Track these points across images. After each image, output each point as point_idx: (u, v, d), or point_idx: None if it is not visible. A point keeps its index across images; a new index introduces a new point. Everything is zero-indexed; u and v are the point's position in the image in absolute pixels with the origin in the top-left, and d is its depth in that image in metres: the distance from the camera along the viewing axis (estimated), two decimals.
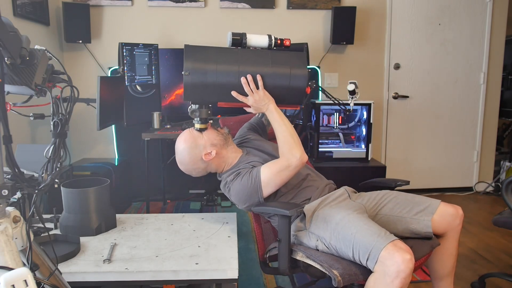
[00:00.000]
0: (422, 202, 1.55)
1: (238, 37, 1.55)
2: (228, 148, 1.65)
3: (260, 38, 1.59)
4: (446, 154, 3.78)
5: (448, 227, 1.53)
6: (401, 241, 1.27)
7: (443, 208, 1.53)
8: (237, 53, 1.54)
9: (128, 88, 2.88)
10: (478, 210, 3.37)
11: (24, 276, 0.76)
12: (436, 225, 1.51)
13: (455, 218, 1.53)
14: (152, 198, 3.26)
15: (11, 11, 2.56)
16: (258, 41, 1.58)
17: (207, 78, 1.51)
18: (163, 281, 1.35)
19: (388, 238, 1.26)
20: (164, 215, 1.91)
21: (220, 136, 1.63)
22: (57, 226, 1.69)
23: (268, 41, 1.59)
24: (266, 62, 1.54)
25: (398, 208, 1.56)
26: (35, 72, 0.91)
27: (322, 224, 1.44)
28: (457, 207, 1.55)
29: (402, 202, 1.58)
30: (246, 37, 1.56)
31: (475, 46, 3.65)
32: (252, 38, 1.58)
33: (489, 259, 2.41)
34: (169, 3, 3.30)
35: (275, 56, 1.56)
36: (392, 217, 1.55)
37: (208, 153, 1.58)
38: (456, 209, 1.54)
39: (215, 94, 1.54)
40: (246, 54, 1.55)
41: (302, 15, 3.45)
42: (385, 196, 1.63)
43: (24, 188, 0.88)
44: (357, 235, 1.31)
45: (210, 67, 1.51)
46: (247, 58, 1.54)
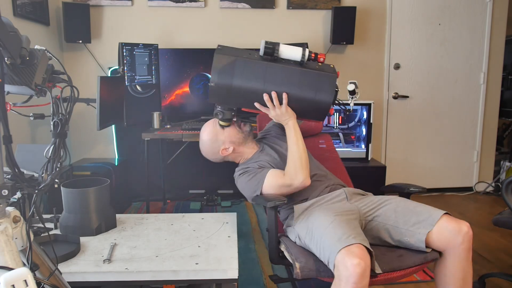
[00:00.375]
0: (423, 213, 1.42)
1: (271, 47, 1.47)
2: (246, 145, 1.75)
3: (293, 51, 1.49)
4: (446, 154, 3.78)
5: (448, 244, 1.37)
6: (358, 245, 1.21)
7: (444, 223, 1.37)
8: (265, 69, 1.48)
9: (128, 88, 2.88)
10: (478, 210, 3.37)
11: (24, 276, 0.76)
12: (435, 240, 1.38)
13: (456, 235, 1.35)
14: (152, 198, 3.26)
15: (11, 11, 2.56)
16: (290, 54, 1.49)
17: (231, 90, 1.51)
18: (163, 281, 1.35)
19: (345, 242, 1.23)
20: (164, 215, 1.91)
21: (240, 134, 1.72)
22: (57, 226, 1.69)
23: (301, 54, 1.48)
24: (293, 82, 1.50)
25: (395, 217, 1.45)
26: (35, 72, 0.91)
27: (303, 223, 1.49)
28: (462, 223, 1.37)
29: (402, 211, 1.46)
30: (278, 48, 1.48)
31: (475, 46, 3.65)
32: (285, 50, 1.49)
33: (489, 259, 2.41)
34: (169, 3, 3.30)
35: (304, 76, 1.50)
36: (387, 226, 1.46)
37: (226, 149, 1.72)
38: (459, 225, 1.36)
39: (239, 102, 1.58)
40: (274, 70, 1.49)
41: (302, 15, 3.45)
42: (386, 202, 1.53)
43: (24, 188, 0.88)
44: (323, 237, 1.32)
45: (236, 81, 1.49)
46: (274, 76, 1.49)
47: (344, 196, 1.60)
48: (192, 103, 3.16)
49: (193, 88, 3.14)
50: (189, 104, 3.16)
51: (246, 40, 3.39)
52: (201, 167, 3.47)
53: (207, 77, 3.15)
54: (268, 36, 3.39)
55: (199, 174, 3.47)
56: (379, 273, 1.28)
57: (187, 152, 3.31)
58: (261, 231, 2.80)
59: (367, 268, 1.19)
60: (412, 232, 1.39)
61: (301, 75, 1.50)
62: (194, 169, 3.46)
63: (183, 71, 3.12)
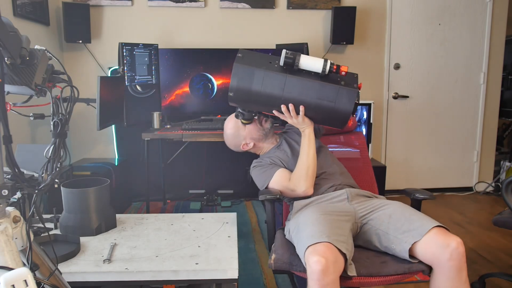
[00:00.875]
0: (415, 222, 1.36)
1: (291, 57, 1.45)
2: (266, 141, 1.82)
3: (314, 62, 1.46)
4: (446, 154, 3.78)
5: (434, 259, 1.29)
6: (325, 244, 1.23)
7: (433, 235, 1.30)
8: (284, 81, 1.47)
9: (128, 88, 2.88)
10: (478, 210, 3.37)
11: (24, 276, 0.76)
12: (421, 252, 1.31)
13: (443, 250, 1.26)
14: (152, 198, 3.26)
15: (11, 11, 2.56)
16: (311, 65, 1.47)
17: (250, 99, 1.54)
18: (163, 281, 1.35)
19: (315, 239, 1.26)
20: (164, 215, 1.91)
21: (261, 131, 1.79)
22: (57, 226, 1.69)
23: (322, 66, 1.45)
24: (312, 95, 1.48)
25: (388, 223, 1.42)
26: (35, 72, 0.91)
27: (296, 218, 1.53)
28: (452, 239, 1.27)
29: (396, 217, 1.42)
30: (299, 59, 1.45)
31: (475, 46, 3.65)
32: (305, 61, 1.47)
33: (489, 259, 2.41)
34: (169, 3, 3.30)
35: (323, 90, 1.48)
36: (378, 231, 1.43)
37: (247, 144, 1.80)
38: (447, 240, 1.27)
39: (258, 108, 1.64)
40: (293, 83, 1.48)
41: (302, 15, 3.45)
42: (384, 207, 1.51)
43: (24, 188, 0.88)
44: (302, 233, 1.37)
45: (254, 91, 1.50)
46: (292, 88, 1.48)
47: (346, 197, 1.59)
48: (192, 103, 3.16)
49: (193, 88, 3.14)
50: (189, 104, 3.16)
51: (246, 40, 3.39)
52: (201, 167, 3.47)
53: (207, 77, 3.15)
54: (268, 36, 3.41)
55: (199, 174, 3.48)
56: (353, 276, 1.28)
57: (187, 152, 3.31)
58: (261, 231, 2.80)
59: (331, 266, 1.19)
60: (399, 240, 1.34)
61: (320, 89, 1.47)
62: (194, 169, 3.47)
63: (183, 71, 3.12)
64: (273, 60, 1.52)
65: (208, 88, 3.16)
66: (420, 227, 1.33)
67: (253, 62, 1.50)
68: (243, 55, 1.51)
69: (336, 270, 1.22)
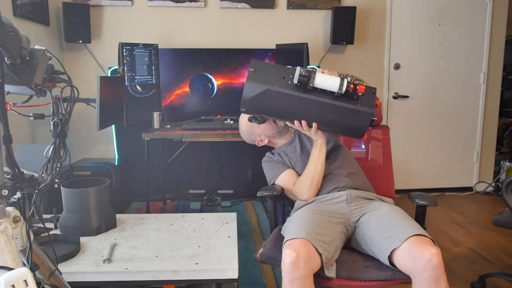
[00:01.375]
0: (398, 228, 1.33)
1: (306, 75, 1.38)
2: (280, 137, 1.84)
3: (330, 82, 1.39)
4: (446, 154, 3.78)
5: (410, 269, 1.24)
6: (301, 240, 1.27)
7: (409, 245, 1.24)
8: (297, 100, 1.42)
9: (128, 88, 2.88)
10: (478, 210, 3.37)
11: (24, 276, 0.76)
12: (399, 261, 1.27)
13: (417, 260, 1.20)
14: (152, 198, 3.26)
15: (11, 11, 2.56)
16: (327, 85, 1.39)
17: (262, 112, 1.53)
18: (163, 281, 1.35)
19: (294, 235, 1.31)
20: (164, 215, 1.91)
21: (275, 129, 1.82)
22: (57, 226, 1.69)
23: (338, 86, 1.38)
24: (326, 115, 1.44)
25: (375, 228, 1.40)
26: (35, 72, 0.91)
27: (291, 216, 1.57)
28: (427, 249, 1.20)
29: (384, 222, 1.40)
30: (314, 77, 1.38)
31: (475, 46, 3.65)
32: (321, 80, 1.39)
33: (489, 259, 2.41)
34: (169, 3, 3.30)
35: (338, 111, 1.42)
36: (366, 235, 1.43)
37: (261, 140, 1.84)
38: (422, 250, 1.20)
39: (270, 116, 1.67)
40: (306, 102, 1.42)
41: (302, 15, 3.45)
42: (375, 210, 1.49)
43: (24, 188, 0.88)
44: (288, 230, 1.43)
45: (266, 107, 1.48)
46: (306, 107, 1.43)
47: (345, 198, 1.58)
48: (192, 103, 3.16)
49: (193, 88, 3.14)
50: (189, 104, 3.16)
51: (246, 40, 3.39)
52: (201, 167, 3.47)
53: (207, 77, 3.15)
54: (268, 36, 3.41)
55: (199, 174, 3.48)
56: (332, 277, 1.29)
57: (187, 152, 3.31)
58: (261, 231, 2.80)
59: (301, 261, 1.22)
60: (381, 247, 1.32)
61: (335, 110, 1.42)
62: (194, 169, 3.47)
63: (183, 71, 3.12)
64: (287, 74, 1.44)
65: (208, 88, 3.16)
66: (401, 234, 1.29)
67: (265, 78, 1.43)
68: (255, 70, 1.44)
69: (308, 267, 1.24)
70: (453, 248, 2.57)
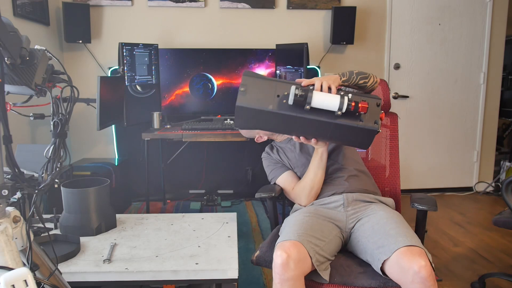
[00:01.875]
0: (390, 237, 1.29)
1: (302, 94, 1.25)
2: (279, 135, 1.81)
3: (328, 101, 1.26)
4: (446, 154, 3.78)
5: (400, 280, 1.22)
6: (292, 241, 1.27)
7: (399, 255, 1.21)
8: (293, 120, 1.30)
9: (128, 88, 2.88)
10: (478, 210, 3.37)
11: (24, 276, 0.76)
12: (389, 272, 1.25)
13: (405, 272, 1.18)
14: (152, 198, 3.26)
15: (11, 11, 2.56)
16: (325, 104, 1.26)
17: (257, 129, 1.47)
18: (163, 281, 1.35)
19: (287, 237, 1.31)
20: (164, 215, 1.91)
21: None
22: (57, 226, 1.69)
23: (338, 105, 1.25)
24: (325, 134, 1.34)
25: (368, 235, 1.38)
26: (35, 72, 0.91)
27: (288, 217, 1.56)
28: (415, 261, 1.17)
29: (378, 229, 1.37)
30: (311, 97, 1.25)
31: (475, 46, 3.65)
32: (318, 99, 1.26)
33: (489, 259, 2.41)
34: (169, 3, 3.30)
35: (339, 130, 1.30)
36: (360, 241, 1.41)
37: (260, 137, 1.82)
38: (410, 262, 1.17)
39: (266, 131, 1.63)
40: (303, 122, 1.30)
41: (302, 15, 3.45)
42: (370, 216, 1.46)
43: (24, 188, 0.88)
44: (283, 231, 1.43)
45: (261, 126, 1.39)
46: (303, 126, 1.33)
47: (341, 203, 1.54)
48: (192, 103, 3.16)
49: (193, 88, 3.14)
50: (189, 104, 3.16)
51: (246, 40, 3.39)
52: (201, 167, 3.47)
53: (207, 77, 3.15)
54: (268, 36, 3.41)
55: (199, 174, 3.48)
56: (325, 281, 1.28)
57: (187, 152, 3.31)
58: (261, 231, 2.80)
59: (291, 262, 1.21)
60: (374, 256, 1.30)
61: (335, 129, 1.31)
62: (194, 169, 3.47)
63: (183, 71, 3.12)
64: (282, 90, 1.30)
65: (208, 88, 3.16)
66: (392, 244, 1.26)
67: (257, 97, 1.30)
68: (245, 89, 1.30)
69: (299, 268, 1.23)
70: (453, 248, 2.57)
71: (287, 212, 2.93)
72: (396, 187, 1.87)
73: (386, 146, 1.92)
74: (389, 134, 1.91)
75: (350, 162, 1.67)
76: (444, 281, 2.13)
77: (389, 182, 1.89)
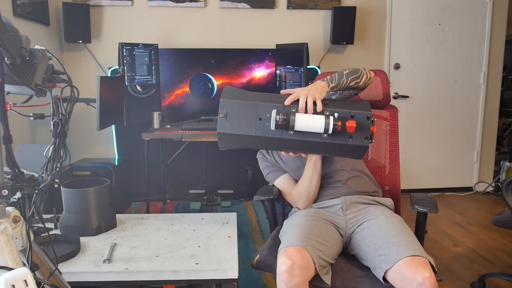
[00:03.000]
0: (392, 246, 1.27)
1: (284, 118, 1.16)
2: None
3: (313, 123, 1.18)
4: (446, 154, 3.78)
5: None
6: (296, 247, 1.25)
7: (402, 266, 1.19)
8: (278, 141, 1.23)
9: (128, 88, 2.88)
10: (478, 210, 3.37)
11: (24, 276, 0.76)
12: (393, 281, 1.23)
13: (409, 284, 1.16)
14: (152, 198, 3.26)
15: (11, 11, 2.56)
16: (310, 127, 1.19)
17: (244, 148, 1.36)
18: (163, 281, 1.35)
19: (290, 243, 1.28)
20: (164, 215, 1.91)
21: None
22: (57, 226, 1.69)
23: (324, 127, 1.17)
24: (314, 151, 1.28)
25: (369, 241, 1.36)
26: (35, 72, 0.91)
27: (288, 220, 1.55)
28: (420, 272, 1.15)
29: (379, 235, 1.35)
30: (293, 120, 1.17)
31: (475, 46, 3.65)
32: (302, 123, 1.18)
33: (489, 259, 2.41)
34: (169, 3, 3.30)
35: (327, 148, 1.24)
36: (361, 246, 1.39)
37: None
38: (415, 274, 1.15)
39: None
40: (290, 143, 1.23)
41: (302, 15, 3.45)
42: (371, 220, 1.44)
43: (24, 188, 0.88)
44: (285, 236, 1.39)
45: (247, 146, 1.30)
46: (290, 147, 1.26)
47: (340, 206, 1.52)
48: (192, 103, 3.16)
49: (193, 88, 3.14)
50: (189, 104, 3.16)
51: (246, 40, 3.39)
52: (201, 167, 3.47)
53: (207, 77, 3.15)
54: (268, 36, 3.41)
55: (199, 174, 3.48)
56: (327, 285, 1.27)
57: (187, 152, 3.31)
58: (261, 231, 2.80)
59: (296, 269, 1.20)
60: (375, 264, 1.28)
61: (324, 147, 1.24)
62: (194, 169, 3.47)
63: (183, 71, 3.12)
64: (264, 111, 1.22)
65: (208, 88, 3.16)
66: (394, 253, 1.24)
67: (238, 123, 1.22)
68: (225, 115, 1.22)
69: (303, 274, 1.21)
70: (453, 248, 2.57)
71: (286, 212, 2.94)
72: (396, 185, 1.82)
73: (386, 142, 1.82)
74: (389, 129, 1.81)
75: (347, 162, 1.64)
76: (444, 281, 2.13)
77: (389, 181, 1.84)
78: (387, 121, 1.83)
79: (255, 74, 3.18)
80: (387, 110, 1.87)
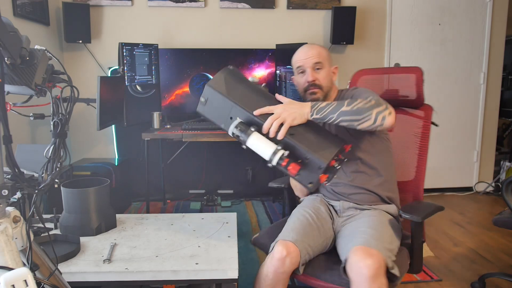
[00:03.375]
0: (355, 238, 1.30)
1: (238, 136, 1.21)
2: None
3: (261, 149, 1.20)
4: (446, 154, 3.77)
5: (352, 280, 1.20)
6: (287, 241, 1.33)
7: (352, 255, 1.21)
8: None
9: (128, 88, 2.88)
10: (478, 210, 3.37)
11: (24, 276, 0.76)
12: (348, 273, 1.22)
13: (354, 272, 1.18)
14: (152, 198, 3.26)
15: (11, 11, 2.56)
16: (258, 151, 1.21)
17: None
18: (163, 281, 1.35)
19: (287, 236, 1.37)
20: (164, 215, 1.91)
21: None
22: (57, 226, 1.69)
23: (269, 157, 1.18)
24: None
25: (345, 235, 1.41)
26: (35, 72, 0.91)
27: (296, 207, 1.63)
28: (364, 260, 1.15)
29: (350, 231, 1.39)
30: (246, 139, 1.21)
31: (475, 46, 3.64)
32: (254, 144, 1.20)
33: (489, 259, 2.41)
34: (169, 3, 3.30)
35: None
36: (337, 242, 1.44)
37: None
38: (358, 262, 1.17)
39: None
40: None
41: (302, 15, 3.45)
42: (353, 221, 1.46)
43: (24, 188, 0.88)
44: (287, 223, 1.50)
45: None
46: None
47: (339, 209, 1.55)
48: (192, 103, 3.16)
49: (193, 88, 3.14)
50: (189, 104, 3.16)
51: (246, 40, 3.39)
52: (201, 167, 3.47)
53: (207, 77, 3.15)
54: (268, 36, 3.41)
55: (199, 174, 3.48)
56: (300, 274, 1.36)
57: (187, 152, 3.31)
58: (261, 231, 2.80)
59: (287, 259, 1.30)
60: (342, 257, 1.31)
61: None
62: (194, 169, 3.47)
63: (183, 71, 3.12)
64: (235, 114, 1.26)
65: None
66: (351, 244, 1.26)
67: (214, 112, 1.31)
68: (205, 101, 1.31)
69: (291, 266, 1.32)
70: (453, 248, 2.57)
71: (287, 212, 2.93)
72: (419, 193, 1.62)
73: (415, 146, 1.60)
74: (421, 131, 1.60)
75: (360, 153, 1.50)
76: (444, 281, 2.13)
77: (411, 188, 1.65)
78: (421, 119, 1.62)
79: (255, 74, 3.18)
80: (422, 109, 1.72)
